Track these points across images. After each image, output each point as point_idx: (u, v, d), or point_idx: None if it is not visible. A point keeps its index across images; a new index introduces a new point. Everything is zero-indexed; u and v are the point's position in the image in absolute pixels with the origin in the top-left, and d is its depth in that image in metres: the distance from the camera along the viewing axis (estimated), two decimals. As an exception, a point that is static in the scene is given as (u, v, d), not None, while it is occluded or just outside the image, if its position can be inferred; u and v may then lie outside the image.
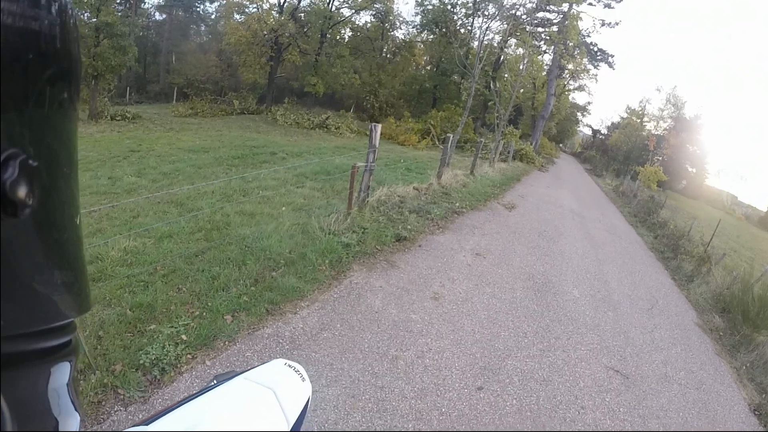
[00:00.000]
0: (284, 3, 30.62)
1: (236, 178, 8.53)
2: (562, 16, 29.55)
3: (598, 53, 35.69)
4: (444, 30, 31.33)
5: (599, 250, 8.84)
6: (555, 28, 29.88)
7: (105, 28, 19.52)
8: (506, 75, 30.36)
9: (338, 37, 33.45)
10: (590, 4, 30.31)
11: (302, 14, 30.98)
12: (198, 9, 39.11)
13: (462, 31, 32.75)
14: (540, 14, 29.69)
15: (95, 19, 19.55)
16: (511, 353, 4.01)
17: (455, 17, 32.75)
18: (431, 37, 35.00)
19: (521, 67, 24.27)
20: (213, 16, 38.79)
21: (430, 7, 33.24)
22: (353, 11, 32.14)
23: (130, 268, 4.27)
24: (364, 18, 34.05)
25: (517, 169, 19.25)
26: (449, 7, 32.67)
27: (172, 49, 35.24)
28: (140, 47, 29.88)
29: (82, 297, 0.48)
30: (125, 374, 3.04)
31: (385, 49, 35.54)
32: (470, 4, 31.59)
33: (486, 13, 30.20)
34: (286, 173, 9.31)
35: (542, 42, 31.59)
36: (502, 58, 32.64)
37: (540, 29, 30.86)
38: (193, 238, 5.06)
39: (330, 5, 30.96)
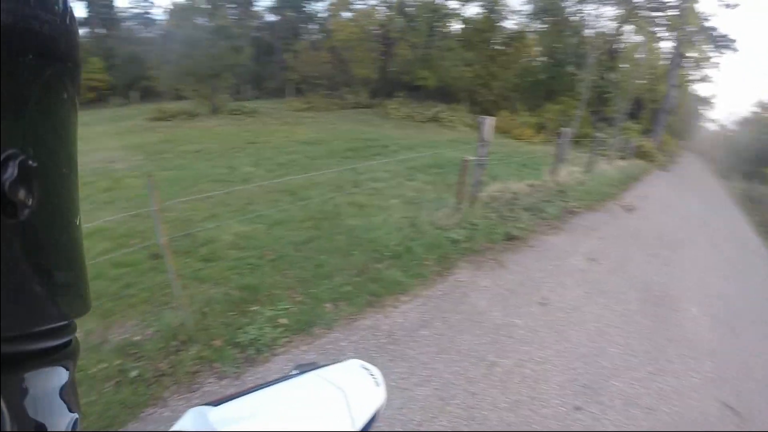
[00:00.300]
0: (392, -2, 30.58)
1: (348, 169, 8.61)
2: (680, -1, 26.63)
3: (720, 39, 31.70)
4: (555, 18, 29.59)
5: (725, 264, 7.73)
6: (673, 12, 27.01)
7: (220, 31, 20.98)
8: (624, 65, 28.13)
9: (447, 29, 32.61)
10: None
11: (410, 8, 30.62)
12: (307, 8, 40.40)
13: (573, 18, 30.74)
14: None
15: (211, 24, 21.15)
16: (616, 373, 3.52)
17: (566, 3, 30.77)
18: (542, 26, 33.19)
19: (639, 55, 22.29)
20: (322, 15, 39.82)
21: (540, -6, 31.32)
22: (461, 3, 31.23)
23: (241, 252, 4.39)
24: (473, 9, 32.94)
25: (636, 167, 17.65)
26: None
27: (286, 48, 36.71)
28: (255, 47, 31.45)
29: (82, 298, 0.47)
30: (223, 350, 3.10)
31: (496, 41, 34.30)
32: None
33: (598, -3, 28.04)
34: (398, 166, 9.26)
35: (660, 28, 28.72)
36: (618, 46, 30.24)
37: (657, 14, 28.05)
38: (303, 226, 5.12)
39: (437, -2, 30.30)
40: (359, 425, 1.10)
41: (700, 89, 43.15)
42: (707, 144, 58.56)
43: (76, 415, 0.46)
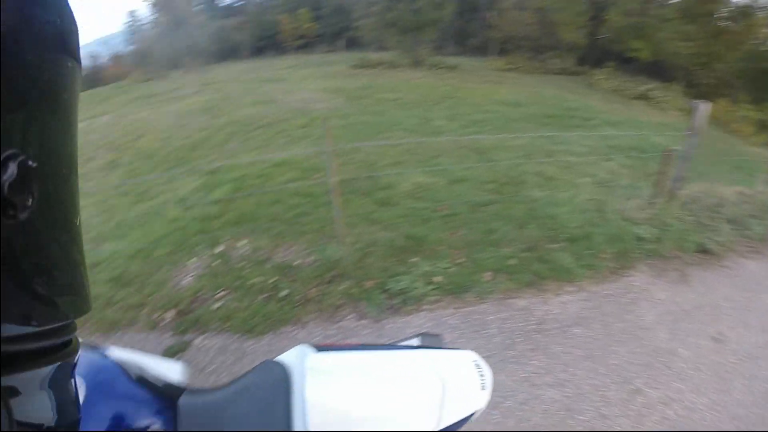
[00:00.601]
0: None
1: (543, 137, 8.07)
2: None
3: None
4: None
5: None
6: None
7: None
8: None
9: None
10: None
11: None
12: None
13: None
14: None
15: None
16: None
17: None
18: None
19: None
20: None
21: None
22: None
23: (416, 202, 4.42)
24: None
25: None
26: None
27: (490, 5, 35.12)
28: (459, 3, 30.40)
29: (82, 298, 0.47)
30: (372, 292, 3.17)
31: (721, 15, 27.96)
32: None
33: None
34: (597, 142, 8.41)
35: None
36: None
37: None
38: (485, 187, 4.95)
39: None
40: (443, 424, 1.07)
41: None
42: None
43: (77, 414, 0.48)
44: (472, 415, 1.16)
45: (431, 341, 1.37)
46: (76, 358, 0.50)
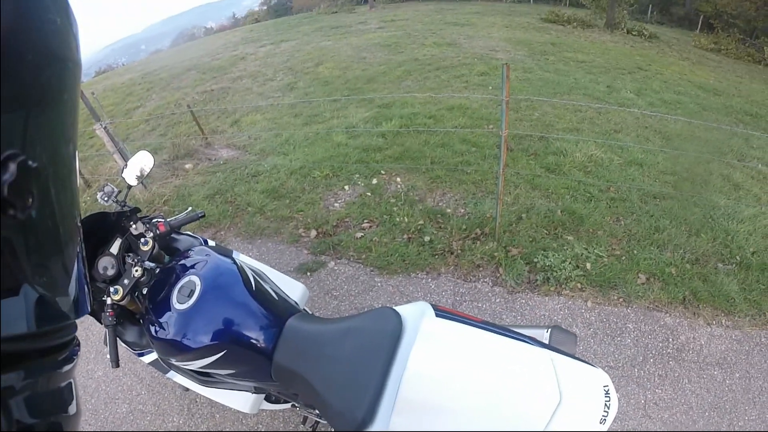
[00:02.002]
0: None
1: (739, 136, 6.73)
2: None
3: None
4: None
5: None
6: None
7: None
8: None
9: None
10: None
11: None
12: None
13: None
14: None
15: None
16: None
17: None
18: None
19: None
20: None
21: None
22: None
23: (585, 176, 3.92)
24: None
25: None
26: None
27: None
28: None
29: (81, 298, 0.45)
30: (515, 261, 2.90)
31: None
32: None
33: None
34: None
35: None
36: None
37: None
38: (661, 178, 4.20)
39: None
40: None
41: None
42: None
43: (77, 413, 0.45)
44: None
45: (562, 339, 1.15)
46: (76, 358, 0.47)
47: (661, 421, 2.30)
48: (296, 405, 1.72)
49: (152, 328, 1.32)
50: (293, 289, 1.72)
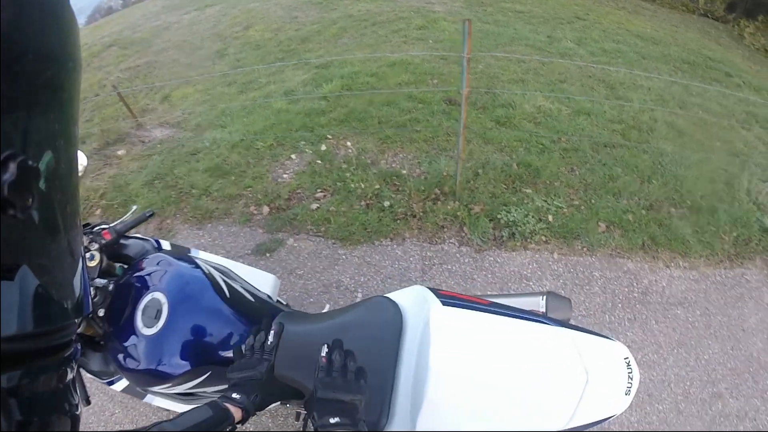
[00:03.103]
0: None
1: (679, 84, 7.12)
2: None
3: None
4: None
5: None
6: None
7: None
8: None
9: None
10: None
11: None
12: None
13: None
14: None
15: None
16: None
17: None
18: None
19: None
20: None
21: None
22: None
23: (536, 127, 3.99)
24: None
25: None
26: None
27: None
28: None
29: (82, 298, 0.45)
30: (479, 219, 2.92)
31: None
32: None
33: None
34: (735, 106, 7.38)
35: None
36: None
37: None
38: (610, 127, 4.36)
39: None
40: (573, 423, 0.93)
41: None
42: None
43: (77, 413, 0.45)
44: (606, 419, 0.99)
45: (558, 305, 1.19)
46: (76, 357, 0.47)
47: (636, 362, 2.38)
48: (286, 403, 1.64)
49: (120, 357, 1.19)
50: (264, 282, 1.64)
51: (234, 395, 0.92)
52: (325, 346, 0.94)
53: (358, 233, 2.99)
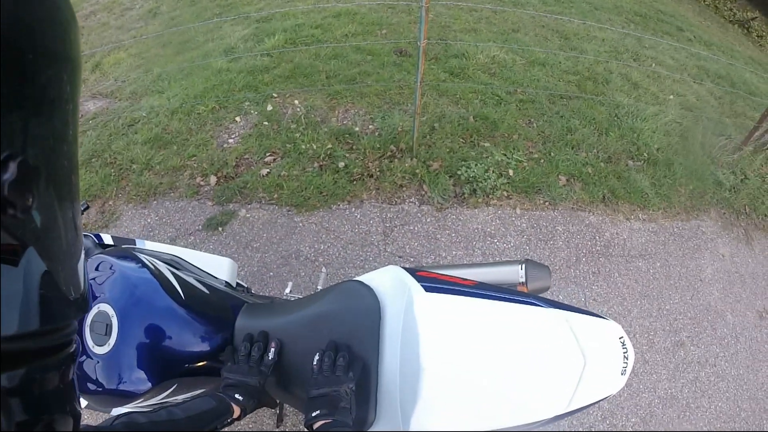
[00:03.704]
0: None
1: (632, 36, 7.21)
2: None
3: None
4: None
5: None
6: None
7: None
8: None
9: None
10: None
11: None
12: None
13: None
14: None
15: None
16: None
17: None
18: None
19: None
20: None
21: None
22: None
23: (491, 78, 3.89)
24: None
25: None
26: None
27: None
28: None
29: (81, 298, 0.45)
30: (438, 175, 2.82)
31: None
32: None
33: None
34: (687, 59, 7.56)
35: None
36: None
37: None
38: (565, 78, 4.33)
39: None
40: (573, 406, 0.94)
41: None
42: None
43: (77, 412, 0.45)
44: (602, 399, 1.00)
45: (536, 273, 1.18)
46: (76, 357, 0.45)
47: (597, 311, 2.41)
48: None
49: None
50: (220, 268, 1.52)
51: (236, 395, 0.97)
52: (317, 354, 0.96)
53: (313, 198, 2.83)
